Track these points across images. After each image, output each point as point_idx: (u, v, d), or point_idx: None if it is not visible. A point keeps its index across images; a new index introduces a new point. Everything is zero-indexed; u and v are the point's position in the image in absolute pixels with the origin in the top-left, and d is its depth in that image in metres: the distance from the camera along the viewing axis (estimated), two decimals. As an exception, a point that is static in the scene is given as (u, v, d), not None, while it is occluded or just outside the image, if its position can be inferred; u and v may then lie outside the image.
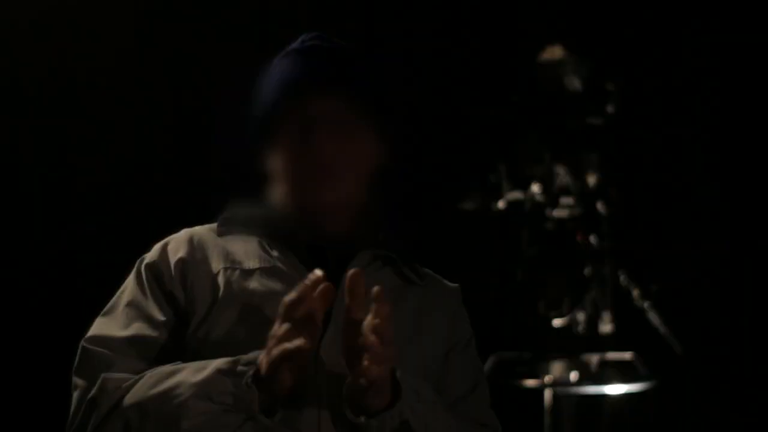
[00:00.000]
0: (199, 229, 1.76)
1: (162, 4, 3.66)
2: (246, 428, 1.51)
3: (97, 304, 1.72)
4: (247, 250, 1.70)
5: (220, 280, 1.66)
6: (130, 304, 1.66)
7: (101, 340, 1.64)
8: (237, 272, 1.67)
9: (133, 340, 1.63)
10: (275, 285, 1.65)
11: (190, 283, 1.66)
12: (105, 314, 1.69)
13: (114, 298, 1.70)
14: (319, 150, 1.68)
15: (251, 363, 1.51)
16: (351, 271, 1.50)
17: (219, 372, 1.51)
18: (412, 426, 1.55)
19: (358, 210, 1.76)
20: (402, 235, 1.79)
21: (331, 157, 1.69)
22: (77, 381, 1.62)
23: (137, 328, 1.64)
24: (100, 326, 1.67)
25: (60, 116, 3.58)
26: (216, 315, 1.63)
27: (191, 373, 1.53)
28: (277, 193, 1.74)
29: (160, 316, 1.64)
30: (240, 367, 1.51)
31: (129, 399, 1.54)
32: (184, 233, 1.75)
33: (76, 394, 1.61)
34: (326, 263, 1.68)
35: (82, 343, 1.65)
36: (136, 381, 1.56)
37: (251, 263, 1.68)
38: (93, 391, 1.58)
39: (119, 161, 3.58)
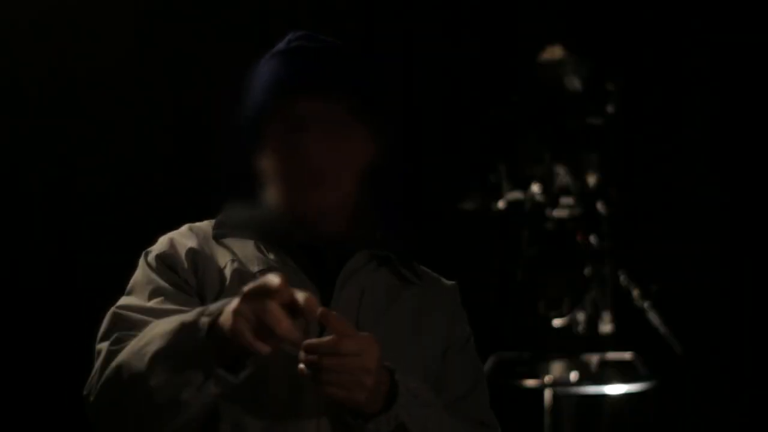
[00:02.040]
0: (200, 224, 1.76)
1: (162, 4, 3.66)
2: (209, 385, 1.46)
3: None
4: (245, 253, 1.70)
5: (227, 271, 1.66)
6: (152, 291, 1.64)
7: (132, 307, 1.62)
8: (241, 270, 1.66)
9: (164, 312, 1.59)
10: None
11: (201, 272, 1.66)
12: (127, 298, 1.67)
13: (128, 294, 1.68)
14: (309, 151, 1.68)
15: (212, 313, 1.47)
16: (319, 312, 1.46)
17: (182, 325, 1.48)
18: (409, 429, 1.54)
19: (353, 210, 1.75)
20: (399, 235, 1.79)
21: (322, 158, 1.68)
22: (102, 346, 1.58)
23: (166, 305, 1.61)
24: (127, 300, 1.65)
25: (60, 116, 3.58)
26: None
27: (165, 324, 1.50)
28: (272, 194, 1.74)
29: (183, 296, 1.63)
30: (202, 318, 1.47)
31: (117, 359, 1.52)
32: (187, 228, 1.75)
33: (102, 357, 1.57)
34: (323, 264, 1.68)
35: (112, 309, 1.63)
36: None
37: (250, 266, 1.67)
38: (103, 352, 1.56)
39: (119, 161, 3.59)
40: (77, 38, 3.59)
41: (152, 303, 1.63)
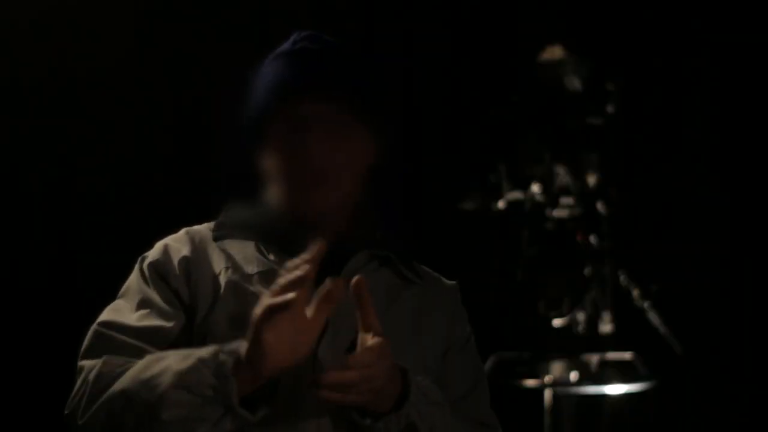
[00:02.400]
0: (198, 229, 1.76)
1: (162, 4, 3.66)
2: (225, 422, 1.47)
3: (97, 304, 1.72)
4: (245, 254, 1.70)
5: (221, 279, 1.66)
6: (142, 302, 1.65)
7: (115, 326, 1.62)
8: (237, 274, 1.67)
9: (147, 330, 1.61)
10: None
11: (194, 281, 1.66)
12: (113, 309, 1.67)
13: (119, 298, 1.69)
14: (311, 151, 1.68)
15: (233, 352, 1.48)
16: (355, 279, 1.50)
17: (200, 361, 1.48)
18: (418, 428, 1.54)
19: (354, 210, 1.75)
20: (400, 234, 1.79)
21: (323, 159, 1.68)
22: (85, 363, 1.59)
23: (151, 321, 1.62)
24: (113, 315, 1.65)
25: (60, 116, 3.58)
26: (215, 314, 1.62)
27: (176, 360, 1.51)
28: (273, 195, 1.74)
29: (170, 310, 1.64)
30: (222, 356, 1.48)
31: (117, 385, 1.52)
32: (184, 233, 1.75)
33: (82, 376, 1.58)
34: (323, 264, 1.68)
35: (95, 327, 1.64)
36: (131, 366, 1.54)
37: (249, 268, 1.68)
38: (92, 373, 1.56)
39: (119, 161, 3.58)
40: (77, 38, 3.59)
41: (136, 318, 1.63)
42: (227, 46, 3.56)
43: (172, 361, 1.51)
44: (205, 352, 1.50)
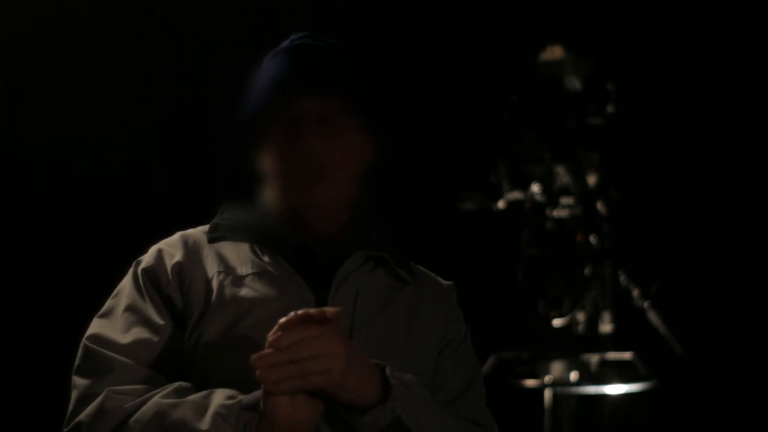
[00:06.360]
0: (192, 232, 1.75)
1: (162, 3, 3.66)
2: None
3: (97, 305, 1.72)
4: (239, 255, 1.70)
5: (214, 283, 1.65)
6: (129, 308, 1.66)
7: (103, 341, 1.63)
8: (230, 277, 1.66)
9: (134, 345, 1.62)
10: (266, 290, 1.64)
11: (187, 287, 1.66)
12: (103, 316, 1.67)
13: (110, 301, 1.69)
14: (307, 149, 1.68)
15: (252, 407, 1.49)
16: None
17: (220, 417, 1.49)
18: (405, 421, 1.54)
19: (351, 210, 1.75)
20: (395, 235, 1.79)
21: (320, 156, 1.68)
22: (77, 380, 1.61)
23: (137, 332, 1.63)
24: (100, 327, 1.66)
25: (60, 116, 3.58)
26: (208, 319, 1.62)
27: (192, 412, 1.51)
28: (269, 194, 1.74)
29: (159, 320, 1.64)
30: (242, 412, 1.49)
31: (129, 429, 1.53)
32: (179, 236, 1.74)
33: (75, 394, 1.60)
34: (319, 266, 1.68)
35: (84, 341, 1.64)
36: (138, 406, 1.55)
37: (243, 269, 1.68)
38: (92, 408, 1.56)
39: (119, 162, 3.59)
40: (77, 37, 3.59)
41: (123, 328, 1.63)
42: (227, 46, 3.57)
43: (187, 413, 1.51)
44: (220, 406, 1.50)
